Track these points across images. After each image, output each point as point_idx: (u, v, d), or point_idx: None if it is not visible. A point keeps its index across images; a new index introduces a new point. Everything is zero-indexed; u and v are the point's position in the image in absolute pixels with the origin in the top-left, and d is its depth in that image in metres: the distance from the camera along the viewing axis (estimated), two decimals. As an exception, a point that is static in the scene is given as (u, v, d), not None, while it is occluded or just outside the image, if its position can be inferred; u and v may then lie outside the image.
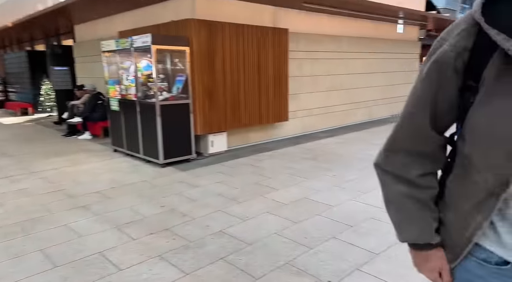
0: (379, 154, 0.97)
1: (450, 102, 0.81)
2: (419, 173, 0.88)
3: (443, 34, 0.82)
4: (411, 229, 0.91)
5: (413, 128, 0.88)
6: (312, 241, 2.86)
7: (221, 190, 4.20)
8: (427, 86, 0.83)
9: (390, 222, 2.56)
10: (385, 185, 0.96)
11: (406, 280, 2.30)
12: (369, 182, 4.34)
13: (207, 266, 2.54)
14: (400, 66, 10.27)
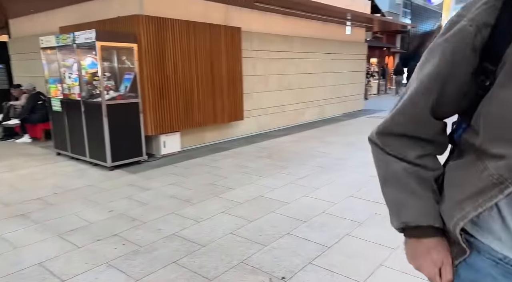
0: (377, 134, 0.85)
1: (460, 87, 0.72)
2: (419, 154, 0.81)
3: (461, 11, 0.71)
4: (412, 209, 0.80)
5: (414, 116, 0.79)
6: (266, 239, 2.86)
7: (174, 191, 4.07)
8: (436, 68, 0.72)
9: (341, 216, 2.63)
10: (382, 162, 0.85)
11: (357, 271, 2.38)
12: (322, 178, 4.47)
13: (159, 270, 2.44)
14: (349, 66, 10.73)
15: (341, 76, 10.39)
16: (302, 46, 8.59)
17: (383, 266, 2.42)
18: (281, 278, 2.31)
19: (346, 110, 10.97)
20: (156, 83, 5.46)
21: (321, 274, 2.35)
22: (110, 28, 5.50)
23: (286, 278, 2.31)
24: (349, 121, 9.32)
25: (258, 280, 2.28)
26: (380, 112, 10.89)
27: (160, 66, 5.47)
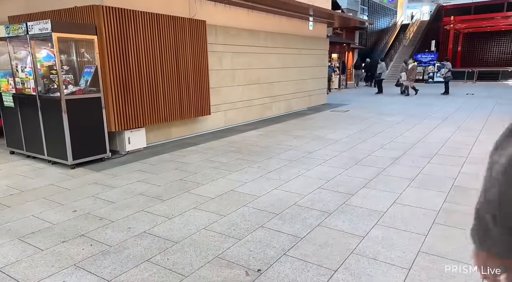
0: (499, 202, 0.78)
1: None
2: None
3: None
4: None
5: None
6: (240, 232, 2.87)
7: (142, 189, 3.96)
8: None
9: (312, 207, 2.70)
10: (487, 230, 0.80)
11: (329, 259, 2.46)
12: (291, 171, 4.55)
13: (131, 269, 2.37)
14: (312, 61, 10.95)
15: (305, 71, 10.59)
16: (268, 41, 8.63)
17: (354, 254, 2.53)
18: (257, 270, 2.33)
19: (311, 104, 11.22)
20: (119, 78, 5.24)
21: (295, 264, 2.40)
22: (67, 18, 5.19)
23: (262, 270, 2.34)
24: (314, 115, 9.54)
25: (234, 274, 2.29)
26: (343, 106, 11.26)
27: (123, 59, 5.25)
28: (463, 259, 2.41)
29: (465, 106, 10.57)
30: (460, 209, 3.24)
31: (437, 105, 11.04)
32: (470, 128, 7.09)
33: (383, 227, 2.93)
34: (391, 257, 2.47)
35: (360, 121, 8.39)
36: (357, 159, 5.07)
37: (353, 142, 6.15)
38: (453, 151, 5.39)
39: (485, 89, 16.55)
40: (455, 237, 2.74)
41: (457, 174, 4.25)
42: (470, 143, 5.83)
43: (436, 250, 2.54)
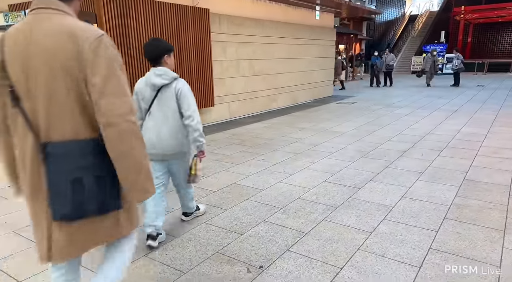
0: None
1: None
2: None
3: None
4: None
5: None
6: (242, 227, 2.76)
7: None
8: None
9: (317, 201, 2.56)
10: None
11: (335, 256, 2.34)
12: (296, 164, 4.42)
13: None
14: (318, 52, 10.72)
15: (311, 62, 10.38)
16: (273, 31, 8.43)
17: (360, 250, 2.40)
18: (259, 267, 2.23)
19: (317, 96, 11.03)
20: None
21: (299, 261, 2.29)
22: (67, 6, 5.06)
23: (264, 266, 2.23)
24: (320, 107, 9.36)
25: (235, 270, 2.19)
26: (349, 98, 11.05)
27: (124, 49, 5.13)
28: (477, 257, 2.28)
29: (476, 98, 10.30)
30: (473, 204, 3.09)
31: (447, 97, 10.78)
32: (481, 121, 6.88)
33: (391, 222, 2.80)
34: (401, 254, 2.34)
35: (367, 113, 8.21)
36: (364, 151, 4.92)
37: (360, 134, 5.99)
38: (464, 143, 5.21)
39: (496, 81, 16.16)
40: (468, 233, 2.60)
41: (468, 167, 4.09)
42: (481, 136, 5.64)
43: (448, 247, 2.41)
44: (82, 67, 1.18)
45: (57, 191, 1.22)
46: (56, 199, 1.23)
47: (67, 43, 1.17)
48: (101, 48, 1.20)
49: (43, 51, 1.18)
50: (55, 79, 1.19)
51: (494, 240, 2.49)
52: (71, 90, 1.20)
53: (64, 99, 1.21)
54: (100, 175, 1.25)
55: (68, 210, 1.23)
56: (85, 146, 1.24)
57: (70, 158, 1.22)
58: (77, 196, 1.22)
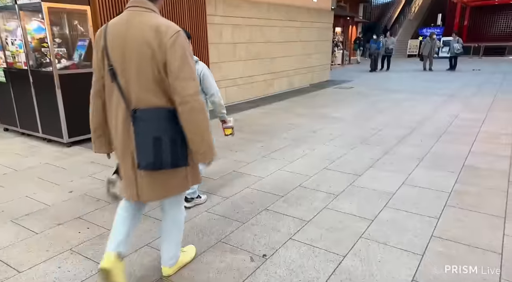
0: None
1: None
2: None
3: None
4: None
5: None
6: (244, 216, 2.75)
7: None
8: None
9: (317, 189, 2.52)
10: None
11: (338, 244, 2.34)
12: (295, 151, 4.39)
13: (130, 254, 2.25)
14: (315, 35, 10.55)
15: (308, 46, 10.22)
16: (270, 13, 8.25)
17: (363, 238, 2.41)
18: (262, 255, 2.22)
19: (314, 80, 10.92)
20: (115, 51, 4.98)
21: (302, 249, 2.29)
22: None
23: (267, 255, 2.22)
24: (317, 92, 9.28)
25: (238, 259, 2.18)
26: (346, 83, 10.97)
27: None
28: (479, 244, 2.29)
29: (472, 83, 10.29)
30: (473, 190, 3.10)
31: (444, 81, 10.75)
32: (479, 106, 6.88)
33: (393, 210, 2.80)
34: (403, 242, 2.35)
35: (365, 98, 8.16)
36: (363, 137, 4.90)
37: (358, 120, 5.96)
38: (462, 129, 5.21)
39: (492, 64, 16.14)
40: (468, 220, 2.62)
41: (467, 153, 4.10)
42: (479, 121, 5.64)
43: (450, 235, 2.42)
44: (163, 55, 1.53)
45: (142, 146, 1.59)
46: (141, 153, 1.60)
47: (153, 36, 1.53)
48: (178, 41, 1.54)
49: (136, 41, 1.55)
50: (144, 62, 1.56)
51: (495, 227, 2.51)
52: (155, 71, 1.56)
53: (149, 77, 1.57)
54: (174, 137, 1.60)
55: (151, 161, 1.60)
56: (164, 113, 1.60)
57: (153, 122, 1.59)
58: (157, 151, 1.58)
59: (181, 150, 1.64)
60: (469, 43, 21.20)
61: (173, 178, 1.73)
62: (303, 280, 1.98)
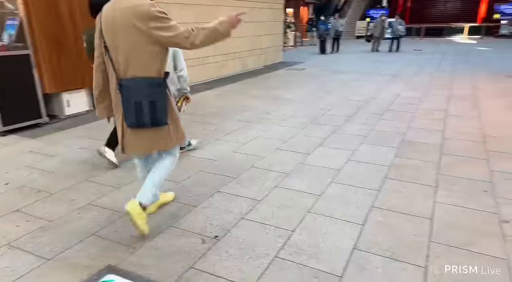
0: None
1: None
2: None
3: None
4: None
5: None
6: (196, 199, 2.74)
7: (86, 156, 3.63)
8: None
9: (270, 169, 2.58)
10: None
11: (287, 220, 2.44)
12: (249, 132, 4.42)
13: (75, 245, 2.17)
14: (267, 16, 10.50)
15: (260, 27, 10.16)
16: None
17: (310, 213, 2.52)
18: (214, 237, 2.25)
19: (267, 62, 10.95)
20: (51, 32, 4.59)
21: (254, 227, 2.35)
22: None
23: (219, 236, 2.25)
24: (270, 74, 9.34)
25: (189, 243, 2.19)
26: (299, 64, 11.14)
27: (54, 11, 4.57)
28: (414, 212, 2.50)
29: (414, 63, 10.94)
30: (410, 163, 3.36)
31: (389, 62, 11.32)
32: (418, 84, 7.36)
33: (338, 185, 2.96)
34: (346, 214, 2.50)
35: (316, 79, 8.36)
36: (313, 117, 5.05)
37: (309, 101, 6.12)
38: (403, 106, 5.56)
39: (432, 45, 17.25)
40: (404, 190, 2.84)
41: (406, 129, 4.40)
42: (418, 99, 6.05)
43: (388, 205, 2.62)
44: (145, 23, 1.87)
45: (127, 109, 1.98)
46: (126, 114, 1.99)
47: (133, 13, 1.88)
48: (151, 10, 1.88)
49: (121, 20, 1.89)
50: (129, 38, 1.90)
51: (428, 195, 2.75)
52: (138, 44, 1.91)
53: (133, 51, 1.92)
54: (153, 100, 1.96)
55: (133, 121, 1.98)
56: (144, 82, 1.96)
57: (134, 89, 1.95)
58: (138, 113, 1.95)
59: (160, 112, 2.00)
60: (412, 24, 22.38)
61: (156, 135, 2.10)
62: (254, 257, 2.05)
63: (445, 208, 2.56)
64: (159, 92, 1.99)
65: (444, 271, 1.91)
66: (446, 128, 4.42)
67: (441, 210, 2.53)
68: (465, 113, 5.10)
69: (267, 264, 1.99)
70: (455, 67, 9.85)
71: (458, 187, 2.87)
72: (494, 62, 10.52)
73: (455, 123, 4.62)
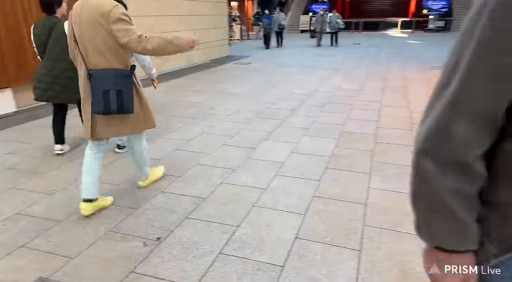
0: (429, 135, 0.67)
1: None
2: (480, 152, 0.66)
3: None
4: (451, 235, 0.70)
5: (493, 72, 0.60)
6: (137, 201, 2.65)
7: (12, 161, 3.33)
8: None
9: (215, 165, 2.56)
10: (426, 181, 0.69)
11: (232, 216, 2.46)
12: (194, 129, 4.36)
13: (2, 259, 1.99)
14: (212, 9, 10.37)
15: (206, 20, 10.01)
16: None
17: (255, 207, 2.57)
18: (156, 239, 2.20)
19: (214, 56, 10.83)
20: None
21: (198, 226, 2.34)
22: None
23: (161, 238, 2.21)
24: (216, 68, 9.26)
25: (130, 247, 2.12)
26: (245, 58, 11.18)
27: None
28: (350, 198, 2.66)
29: (353, 56, 11.53)
30: (347, 153, 3.56)
31: (330, 55, 11.80)
32: (357, 77, 7.78)
33: (282, 177, 3.05)
34: (289, 205, 2.59)
35: (261, 73, 8.46)
36: (259, 112, 5.12)
37: (255, 95, 6.18)
38: (342, 99, 5.85)
39: (369, 38, 18.29)
40: (342, 178, 3.01)
41: (345, 120, 4.65)
42: (356, 91, 6.41)
43: (327, 193, 2.75)
44: (107, 23, 2.12)
45: (95, 97, 2.21)
46: (94, 102, 2.22)
47: (98, 13, 2.12)
48: (114, 11, 2.13)
49: (87, 19, 2.14)
50: (94, 33, 2.15)
51: (362, 182, 2.94)
52: (103, 39, 2.16)
53: (99, 46, 2.17)
54: (120, 90, 2.21)
55: (101, 108, 2.22)
56: (111, 73, 2.21)
57: (102, 79, 2.19)
58: (106, 100, 2.19)
59: (126, 101, 2.24)
60: (351, 19, 23.50)
61: (124, 121, 2.37)
62: (198, 256, 2.05)
63: (378, 193, 2.76)
64: (126, 83, 2.24)
65: (376, 252, 2.07)
66: (380, 118, 4.73)
67: (375, 195, 2.72)
68: (397, 103, 5.50)
69: (211, 261, 2.00)
70: (389, 60, 10.55)
71: (389, 172, 3.11)
72: (422, 55, 11.45)
73: (388, 113, 4.97)
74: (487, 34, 0.59)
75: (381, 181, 2.94)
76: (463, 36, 0.64)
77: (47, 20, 3.23)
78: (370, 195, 2.72)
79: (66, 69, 3.19)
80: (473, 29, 0.62)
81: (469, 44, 0.62)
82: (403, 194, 2.72)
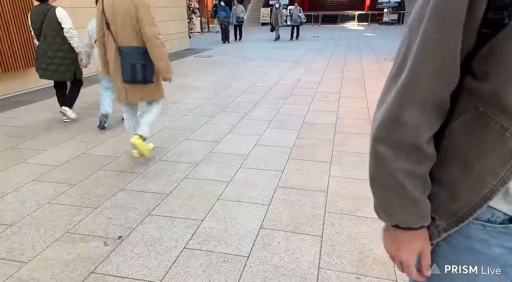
0: (383, 122, 0.70)
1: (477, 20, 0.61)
2: (429, 135, 0.70)
3: None
4: (406, 213, 0.74)
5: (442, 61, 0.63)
6: (96, 200, 2.56)
7: (-46, 166, 3.07)
8: None
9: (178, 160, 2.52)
10: (381, 164, 0.72)
11: (196, 210, 2.45)
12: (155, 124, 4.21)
13: None
14: (169, 1, 10.08)
15: (163, 12, 9.72)
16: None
17: (220, 200, 2.57)
18: (117, 237, 2.14)
19: (174, 49, 10.56)
20: None
21: (161, 223, 2.30)
22: None
23: (123, 236, 2.15)
24: (177, 62, 9.04)
25: (89, 247, 2.04)
26: (207, 51, 11.02)
27: None
28: (311, 187, 2.74)
29: (313, 49, 11.76)
30: (309, 143, 3.65)
31: (291, 48, 11.94)
32: (316, 69, 7.96)
33: (246, 169, 3.07)
34: (253, 197, 2.62)
35: (224, 66, 8.40)
36: (222, 105, 5.09)
37: (218, 89, 6.13)
38: (303, 91, 5.97)
39: (328, 31, 18.72)
40: (304, 168, 3.09)
41: (306, 112, 4.75)
42: (316, 83, 6.56)
43: (290, 183, 2.82)
44: (136, 11, 2.72)
45: (124, 69, 2.82)
46: (124, 73, 2.84)
47: (129, 1, 2.72)
48: (142, 3, 2.73)
49: (119, 4, 2.73)
50: (125, 18, 2.73)
51: (323, 171, 3.04)
52: (133, 23, 2.74)
53: (128, 27, 2.75)
54: (144, 63, 2.82)
55: (129, 78, 2.83)
56: (138, 50, 2.81)
57: (130, 54, 2.79)
58: (133, 72, 2.81)
59: (149, 73, 2.86)
60: (311, 12, 23.90)
61: (146, 89, 2.97)
62: (161, 252, 2.02)
63: (338, 180, 2.86)
64: (147, 58, 2.80)
65: (337, 236, 2.16)
66: (339, 109, 4.89)
67: (335, 183, 2.82)
68: (355, 94, 5.71)
69: (175, 256, 1.98)
70: (347, 52, 10.89)
71: (349, 161, 3.23)
72: (378, 47, 11.93)
73: (347, 103, 5.14)
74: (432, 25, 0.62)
75: (340, 169, 3.06)
76: (411, 27, 0.67)
77: (41, 7, 3.83)
78: (330, 183, 2.82)
79: (58, 50, 3.87)
80: (419, 21, 0.64)
81: (416, 35, 0.65)
82: (362, 181, 2.84)
